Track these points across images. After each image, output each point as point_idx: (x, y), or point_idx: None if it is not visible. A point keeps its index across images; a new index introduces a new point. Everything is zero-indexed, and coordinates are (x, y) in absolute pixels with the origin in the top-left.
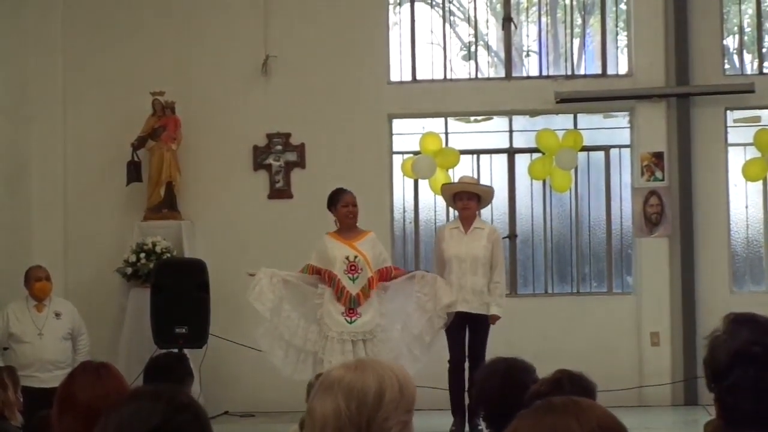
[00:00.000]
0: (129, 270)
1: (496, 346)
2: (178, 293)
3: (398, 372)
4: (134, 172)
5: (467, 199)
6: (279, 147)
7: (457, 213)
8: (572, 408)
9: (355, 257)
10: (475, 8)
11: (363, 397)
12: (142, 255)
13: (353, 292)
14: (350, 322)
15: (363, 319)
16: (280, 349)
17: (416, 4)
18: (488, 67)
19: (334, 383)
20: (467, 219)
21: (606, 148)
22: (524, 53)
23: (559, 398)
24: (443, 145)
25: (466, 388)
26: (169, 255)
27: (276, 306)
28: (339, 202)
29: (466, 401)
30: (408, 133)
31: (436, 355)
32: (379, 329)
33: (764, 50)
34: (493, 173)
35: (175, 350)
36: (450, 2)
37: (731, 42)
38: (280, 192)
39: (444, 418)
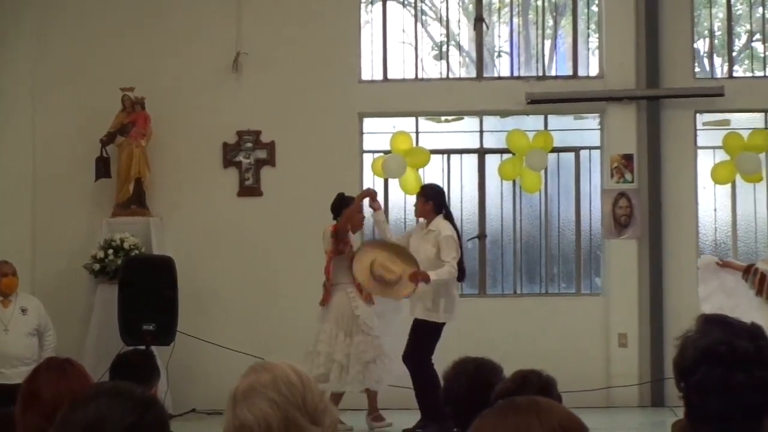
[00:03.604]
0: (97, 266)
1: (465, 346)
2: (145, 290)
3: (287, 362)
4: (103, 168)
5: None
6: (249, 144)
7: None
8: (534, 407)
9: None
10: (447, 8)
11: (288, 381)
12: (110, 251)
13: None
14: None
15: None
16: None
17: (388, 3)
18: (459, 67)
19: (252, 388)
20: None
21: (576, 150)
22: (496, 54)
23: (521, 398)
24: (414, 145)
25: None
26: (137, 252)
27: None
28: (349, 208)
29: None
30: (378, 132)
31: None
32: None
33: (734, 54)
34: (463, 173)
35: (143, 347)
36: (422, 2)
37: (701, 45)
38: (249, 190)
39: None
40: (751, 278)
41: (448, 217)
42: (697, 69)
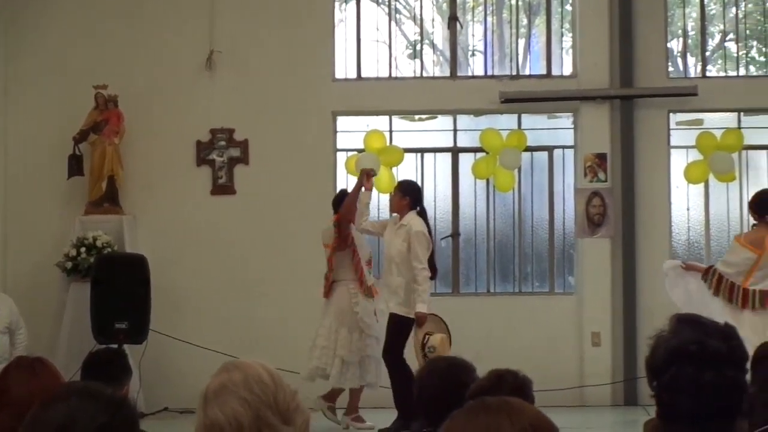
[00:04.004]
0: (69, 264)
1: None
2: (118, 288)
3: (259, 362)
4: (76, 165)
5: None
6: (222, 143)
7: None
8: (505, 408)
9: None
10: (421, 7)
11: (260, 380)
12: (83, 249)
13: (368, 283)
14: (377, 322)
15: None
16: None
17: (362, 1)
18: (433, 65)
19: (224, 386)
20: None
21: (550, 149)
22: (469, 53)
23: (491, 398)
24: (387, 143)
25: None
26: (109, 250)
27: None
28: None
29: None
30: (352, 131)
31: None
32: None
33: (707, 53)
34: (436, 172)
35: (115, 346)
36: (396, 0)
37: (675, 45)
38: (222, 188)
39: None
40: (710, 279)
41: (422, 214)
42: (670, 69)
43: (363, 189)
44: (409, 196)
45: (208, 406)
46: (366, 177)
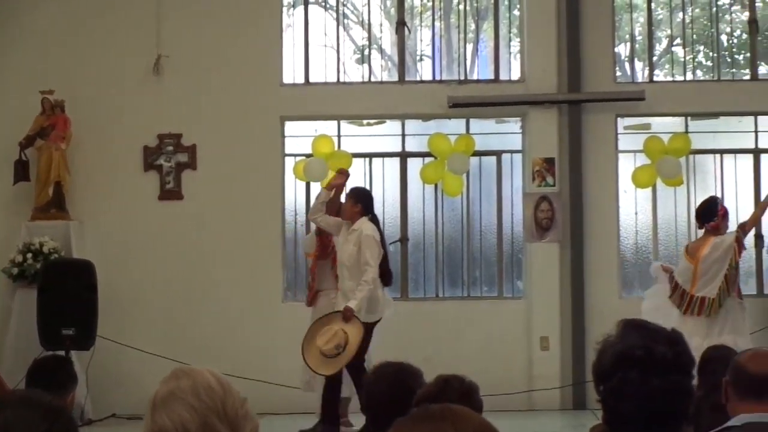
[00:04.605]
0: (15, 270)
1: (386, 350)
2: (65, 294)
3: (208, 368)
4: (22, 171)
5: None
6: (170, 148)
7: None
8: (449, 415)
9: None
10: (369, 12)
11: (208, 387)
12: (29, 255)
13: None
14: None
15: None
16: None
17: (310, 6)
18: (381, 70)
19: (172, 393)
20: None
21: (498, 153)
22: (418, 57)
23: (436, 406)
24: (335, 148)
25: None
26: (56, 255)
27: None
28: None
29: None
30: (300, 136)
31: None
32: None
33: (655, 58)
34: (385, 177)
35: (62, 352)
36: (344, 5)
37: (622, 50)
38: (170, 193)
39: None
40: (671, 284)
41: (374, 220)
42: (618, 73)
43: (326, 189)
44: (360, 202)
45: (155, 412)
46: (338, 174)
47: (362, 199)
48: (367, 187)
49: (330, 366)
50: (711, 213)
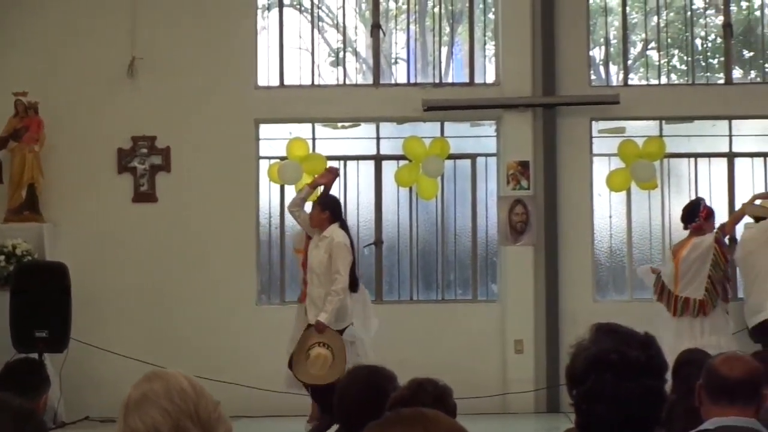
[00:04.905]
0: None
1: None
2: (38, 297)
3: (181, 372)
4: None
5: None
6: (144, 150)
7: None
8: (421, 419)
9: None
10: (343, 15)
11: (181, 390)
12: (2, 257)
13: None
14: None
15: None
16: None
17: (285, 9)
18: (356, 73)
19: (145, 396)
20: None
21: (472, 157)
22: (392, 60)
23: (408, 410)
24: (310, 151)
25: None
26: (30, 258)
27: None
28: (341, 217)
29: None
30: (275, 139)
31: None
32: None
33: (629, 62)
34: (359, 180)
35: (35, 355)
36: (319, 8)
37: (597, 53)
38: (144, 195)
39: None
40: (656, 285)
41: (344, 227)
42: (592, 77)
43: (312, 184)
44: (328, 209)
45: (128, 416)
46: (328, 172)
47: (330, 206)
48: (340, 191)
49: (328, 377)
50: (693, 214)
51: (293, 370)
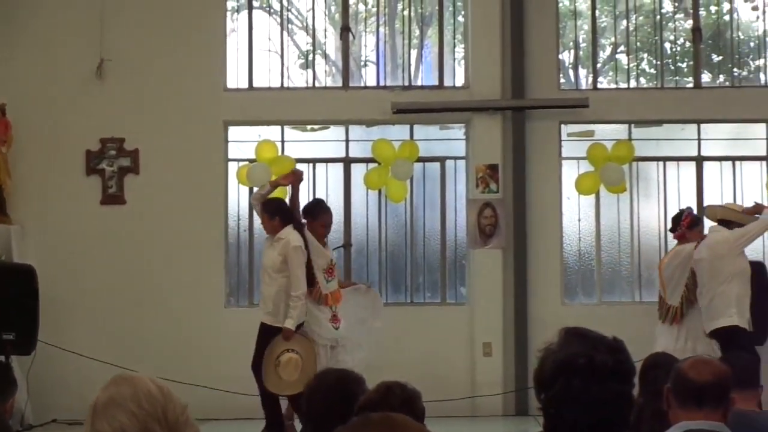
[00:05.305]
0: None
1: None
2: (5, 299)
3: (149, 375)
4: None
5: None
6: (113, 152)
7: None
8: (388, 424)
9: (334, 264)
10: (313, 17)
11: (149, 394)
12: None
13: (323, 292)
14: (336, 329)
15: (343, 324)
16: None
17: (254, 11)
18: (326, 76)
19: (112, 400)
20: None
21: (442, 160)
22: (362, 63)
23: (375, 414)
24: (279, 153)
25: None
26: None
27: None
28: (319, 219)
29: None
30: (244, 141)
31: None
32: (345, 333)
33: (599, 65)
34: (328, 182)
35: (2, 357)
36: (288, 10)
37: (566, 57)
38: (112, 198)
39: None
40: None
41: (299, 228)
42: (562, 80)
43: (271, 183)
44: (277, 215)
45: (96, 419)
46: (292, 174)
47: (276, 212)
48: (309, 193)
49: (298, 385)
50: (676, 223)
51: (265, 382)
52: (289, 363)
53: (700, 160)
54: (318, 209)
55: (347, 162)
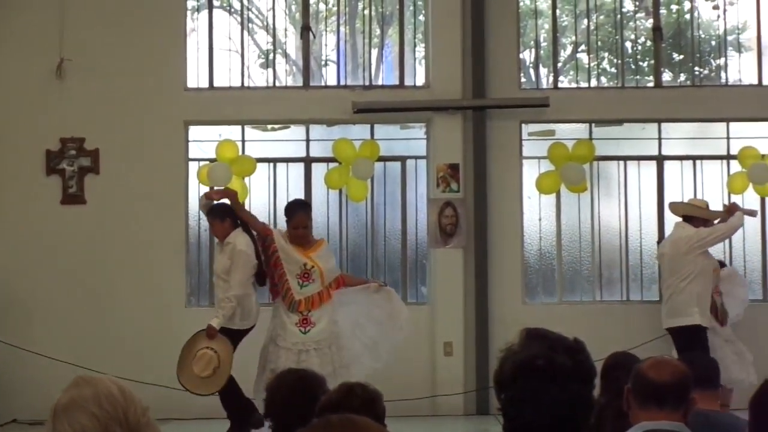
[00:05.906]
0: None
1: None
2: None
3: (110, 377)
4: None
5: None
6: (73, 152)
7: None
8: (348, 425)
9: (312, 267)
10: (273, 16)
11: (110, 395)
12: None
13: (296, 297)
14: (304, 332)
15: (317, 328)
16: None
17: (214, 10)
18: (286, 75)
19: (73, 401)
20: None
21: (402, 159)
22: (322, 62)
23: (336, 416)
24: (239, 153)
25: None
26: None
27: None
28: (290, 221)
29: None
30: (204, 140)
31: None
32: (334, 337)
33: (559, 65)
34: (289, 182)
35: None
36: (248, 10)
37: (527, 56)
38: (73, 197)
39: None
40: None
41: (246, 230)
42: (522, 79)
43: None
44: (228, 217)
45: (57, 421)
46: (224, 192)
47: (224, 214)
48: (269, 193)
49: (209, 385)
50: None
51: (178, 374)
52: (203, 357)
53: (661, 160)
54: (289, 212)
55: (308, 161)
